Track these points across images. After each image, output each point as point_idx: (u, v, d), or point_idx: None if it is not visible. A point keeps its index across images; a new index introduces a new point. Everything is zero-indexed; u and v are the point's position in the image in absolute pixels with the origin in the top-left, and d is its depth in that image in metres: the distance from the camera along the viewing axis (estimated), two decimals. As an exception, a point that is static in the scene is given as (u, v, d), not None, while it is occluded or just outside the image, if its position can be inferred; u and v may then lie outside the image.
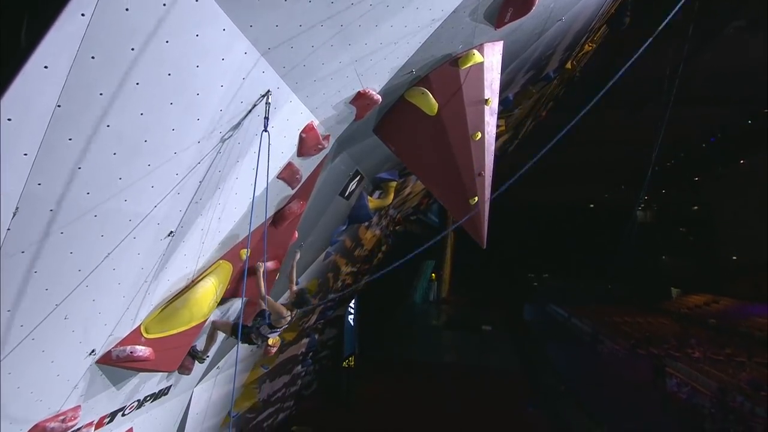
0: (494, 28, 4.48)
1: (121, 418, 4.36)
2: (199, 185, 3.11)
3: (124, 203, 2.55)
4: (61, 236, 2.30)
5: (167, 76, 2.24)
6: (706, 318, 25.04)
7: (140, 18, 1.92)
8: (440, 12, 3.65)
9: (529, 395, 14.62)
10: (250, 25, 2.52)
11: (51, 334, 2.71)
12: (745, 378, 14.91)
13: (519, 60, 6.08)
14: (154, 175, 2.61)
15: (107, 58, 1.91)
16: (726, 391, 13.70)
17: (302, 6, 2.64)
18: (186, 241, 3.42)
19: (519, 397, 14.39)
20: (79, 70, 1.83)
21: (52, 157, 1.97)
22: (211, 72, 2.50)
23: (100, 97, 1.99)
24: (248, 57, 2.70)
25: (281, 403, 10.41)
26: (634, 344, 19.98)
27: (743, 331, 21.88)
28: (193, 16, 2.15)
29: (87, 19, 1.73)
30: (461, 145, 4.72)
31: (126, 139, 2.27)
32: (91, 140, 2.09)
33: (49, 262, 2.34)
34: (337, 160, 5.29)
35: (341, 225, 7.48)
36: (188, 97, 2.47)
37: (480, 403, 13.85)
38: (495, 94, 4.88)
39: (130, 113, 2.19)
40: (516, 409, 13.23)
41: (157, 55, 2.12)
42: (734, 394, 13.52)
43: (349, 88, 3.93)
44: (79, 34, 1.75)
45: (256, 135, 3.31)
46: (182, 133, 2.61)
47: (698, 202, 30.64)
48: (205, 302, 3.87)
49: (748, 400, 13.09)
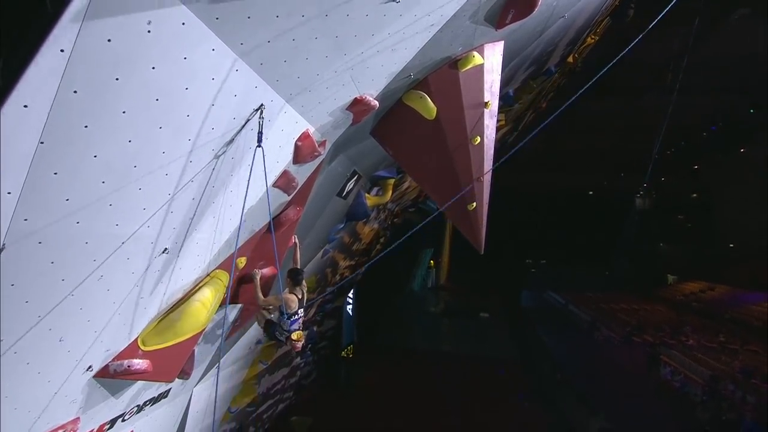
0: (495, 29, 4.36)
1: (122, 423, 4.40)
2: (193, 201, 3.06)
3: (116, 227, 2.51)
4: (51, 266, 2.26)
5: (155, 102, 2.16)
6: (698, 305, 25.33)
7: (124, 47, 1.83)
8: (439, 17, 3.53)
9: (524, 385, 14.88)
10: (241, 43, 2.43)
11: (46, 356, 2.70)
12: (737, 366, 15.16)
13: (520, 57, 5.94)
14: (145, 197, 2.56)
15: (91, 91, 1.83)
16: (718, 379, 13.94)
17: (295, 21, 2.53)
18: (181, 256, 3.38)
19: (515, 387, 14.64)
20: (61, 105, 1.75)
21: (37, 193, 1.92)
22: (200, 93, 2.42)
23: (85, 130, 1.92)
24: (240, 74, 2.61)
25: (280, 395, 10.57)
26: (630, 332, 20.25)
27: (738, 318, 22.16)
28: (180, 40, 2.07)
29: (66, 55, 1.65)
30: (460, 149, 4.65)
31: (114, 166, 2.21)
32: (77, 172, 2.03)
33: (39, 291, 2.31)
34: (333, 162, 5.22)
35: (339, 223, 7.44)
36: (178, 119, 2.39)
37: (477, 392, 14.10)
38: (495, 97, 4.79)
39: (117, 142, 2.12)
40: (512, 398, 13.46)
41: (144, 82, 2.04)
42: (726, 382, 13.77)
43: (345, 95, 3.83)
44: (59, 70, 1.67)
45: (250, 148, 3.24)
46: (173, 155, 2.54)
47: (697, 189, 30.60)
48: (202, 313, 3.86)
49: (740, 388, 13.35)
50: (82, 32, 1.65)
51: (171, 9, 1.92)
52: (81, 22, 1.62)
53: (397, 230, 15.80)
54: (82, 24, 1.63)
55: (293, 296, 4.33)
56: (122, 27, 1.77)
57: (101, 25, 1.70)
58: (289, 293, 4.32)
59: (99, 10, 1.65)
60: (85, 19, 1.63)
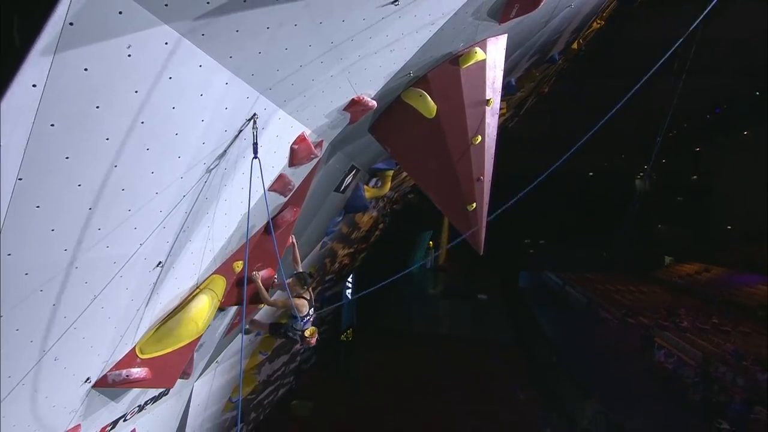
0: (498, 24, 4.16)
1: (123, 423, 4.45)
2: (186, 215, 2.97)
3: (106, 249, 2.43)
4: (40, 293, 2.20)
5: (140, 125, 2.05)
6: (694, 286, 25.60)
7: (102, 75, 1.71)
8: (440, 15, 3.36)
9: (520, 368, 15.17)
10: (230, 56, 2.29)
11: (42, 376, 2.68)
12: (729, 348, 15.44)
13: (523, 48, 5.72)
14: (135, 217, 2.47)
15: (69, 122, 1.72)
16: (709, 361, 14.21)
17: (287, 31, 2.39)
18: (176, 267, 3.32)
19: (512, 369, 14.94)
20: (38, 140, 1.65)
21: (19, 228, 1.83)
22: (189, 110, 2.30)
23: (66, 161, 1.82)
24: (230, 86, 2.48)
25: (281, 380, 10.75)
26: (625, 313, 20.52)
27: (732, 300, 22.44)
28: (163, 60, 1.94)
29: (39, 90, 1.53)
30: (460, 149, 4.52)
31: (100, 192, 2.11)
32: (61, 202, 1.94)
33: (30, 319, 2.26)
34: (331, 160, 5.09)
35: (337, 216, 7.37)
36: (166, 139, 2.28)
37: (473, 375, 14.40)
38: (497, 93, 4.62)
39: (102, 168, 2.02)
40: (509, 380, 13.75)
41: (127, 106, 1.92)
42: (717, 364, 14.05)
43: (342, 97, 3.69)
44: (32, 106, 1.56)
45: (244, 157, 3.14)
46: (163, 174, 2.44)
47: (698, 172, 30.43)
48: (200, 319, 3.83)
49: (731, 371, 13.63)
50: (55, 65, 1.52)
51: (152, 30, 1.79)
52: (53, 54, 1.50)
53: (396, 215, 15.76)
54: (54, 57, 1.51)
55: (303, 300, 4.32)
56: (99, 54, 1.65)
57: (76, 56, 1.57)
58: (298, 298, 4.30)
59: (72, 41, 1.52)
60: (57, 51, 1.50)
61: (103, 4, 1.54)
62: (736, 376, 13.46)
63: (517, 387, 12.76)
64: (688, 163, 29.90)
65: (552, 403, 12.47)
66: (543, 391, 13.35)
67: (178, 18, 1.85)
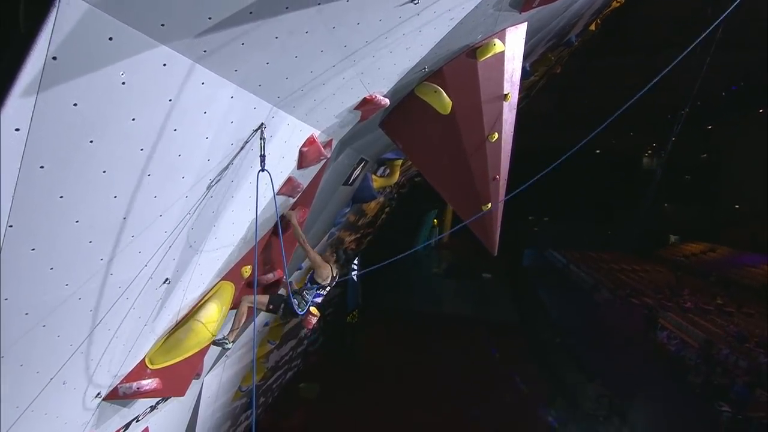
0: (519, 13, 3.85)
1: (136, 423, 4.47)
2: (192, 231, 2.82)
3: (110, 276, 2.30)
4: (43, 329, 2.09)
5: (139, 152, 1.87)
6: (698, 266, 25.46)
7: (94, 108, 1.52)
8: (461, 9, 3.07)
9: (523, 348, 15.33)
10: (235, 70, 2.07)
11: (51, 398, 2.61)
12: (732, 329, 15.43)
13: (541, 33, 5.37)
14: (139, 242, 2.32)
15: (61, 161, 1.54)
16: (711, 343, 14.22)
17: (297, 39, 2.15)
18: (183, 280, 3.20)
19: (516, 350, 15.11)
20: (28, 184, 1.48)
21: (14, 273, 1.69)
22: (192, 130, 2.11)
23: (61, 200, 1.65)
24: (236, 100, 2.27)
25: (288, 364, 10.90)
26: (629, 293, 20.50)
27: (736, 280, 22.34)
28: (162, 82, 1.73)
29: (24, 133, 1.35)
30: (476, 147, 4.29)
31: (101, 225, 1.96)
32: (58, 241, 1.79)
33: (33, 353, 2.16)
34: (340, 157, 4.88)
35: (345, 208, 7.20)
36: (168, 162, 2.10)
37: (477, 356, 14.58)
38: (515, 87, 4.35)
39: (100, 201, 1.85)
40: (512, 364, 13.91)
41: (124, 136, 1.73)
42: (720, 346, 14.06)
43: (353, 97, 3.46)
44: (18, 150, 1.38)
45: (251, 167, 2.95)
46: (166, 196, 2.28)
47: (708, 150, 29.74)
48: (209, 328, 3.75)
49: (733, 353, 13.65)
50: (40, 105, 1.33)
51: (148, 52, 1.58)
52: (35, 94, 1.30)
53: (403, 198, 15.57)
54: (38, 96, 1.31)
55: (329, 270, 4.10)
56: (89, 86, 1.45)
57: (63, 91, 1.38)
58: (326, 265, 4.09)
59: (57, 76, 1.33)
60: (41, 89, 1.31)
61: (90, 32, 1.33)
62: (738, 359, 13.49)
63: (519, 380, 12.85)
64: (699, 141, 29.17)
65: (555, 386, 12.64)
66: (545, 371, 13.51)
67: (176, 37, 1.63)
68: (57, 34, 1.24)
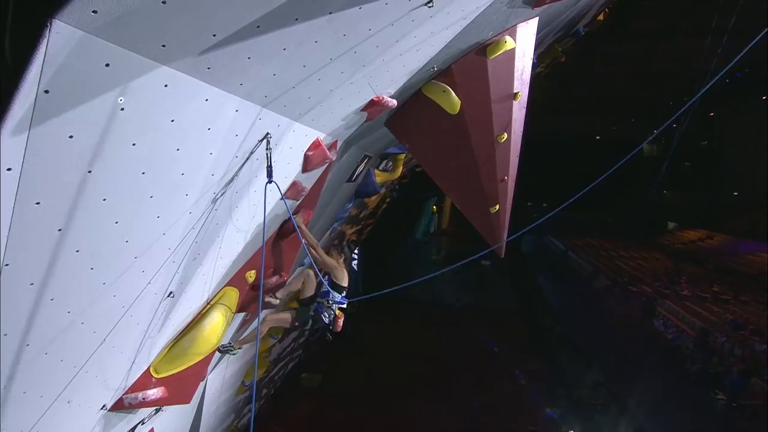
0: (531, 8, 3.68)
1: (141, 426, 4.45)
2: (196, 244, 2.73)
3: (113, 298, 2.22)
4: (45, 356, 2.01)
5: (141, 176, 1.76)
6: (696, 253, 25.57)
7: (91, 138, 1.40)
8: (474, 9, 2.91)
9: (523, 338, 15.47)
10: (241, 84, 1.94)
11: (56, 417, 2.55)
12: (729, 317, 15.57)
13: (551, 25, 5.18)
14: (142, 261, 2.23)
15: (57, 195, 1.43)
16: (708, 331, 14.37)
17: (306, 49, 2.02)
18: (187, 291, 3.12)
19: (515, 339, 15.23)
20: (24, 221, 1.37)
21: (13, 308, 1.60)
22: (195, 148, 1.99)
23: (59, 233, 1.55)
24: (240, 113, 2.14)
25: (290, 355, 10.95)
26: (627, 281, 20.62)
27: (733, 268, 22.47)
28: (163, 104, 1.61)
29: (16, 173, 1.24)
30: (485, 148, 4.17)
31: (102, 251, 1.86)
32: (58, 271, 1.69)
33: (36, 380, 2.09)
34: (344, 156, 4.75)
35: (348, 203, 7.09)
36: (171, 182, 1.99)
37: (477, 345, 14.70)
38: (525, 85, 4.20)
39: (101, 229, 1.75)
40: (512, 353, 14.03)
41: (124, 162, 1.62)
42: (716, 334, 14.21)
43: (360, 100, 3.32)
44: (11, 189, 1.27)
45: (256, 176, 2.84)
46: (169, 215, 2.17)
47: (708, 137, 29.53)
48: (214, 336, 3.70)
49: (729, 341, 13.81)
50: (32, 142, 1.22)
51: (148, 75, 1.45)
52: (27, 131, 1.19)
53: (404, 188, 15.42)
54: (30, 133, 1.20)
55: (343, 267, 4.00)
56: (86, 117, 1.33)
57: (56, 125, 1.26)
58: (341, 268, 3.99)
59: (50, 110, 1.21)
60: (33, 126, 1.19)
61: (84, 61, 1.21)
62: (734, 347, 13.66)
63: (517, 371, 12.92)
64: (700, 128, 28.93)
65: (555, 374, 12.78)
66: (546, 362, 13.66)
67: (178, 57, 1.50)
68: (48, 66, 1.12)
